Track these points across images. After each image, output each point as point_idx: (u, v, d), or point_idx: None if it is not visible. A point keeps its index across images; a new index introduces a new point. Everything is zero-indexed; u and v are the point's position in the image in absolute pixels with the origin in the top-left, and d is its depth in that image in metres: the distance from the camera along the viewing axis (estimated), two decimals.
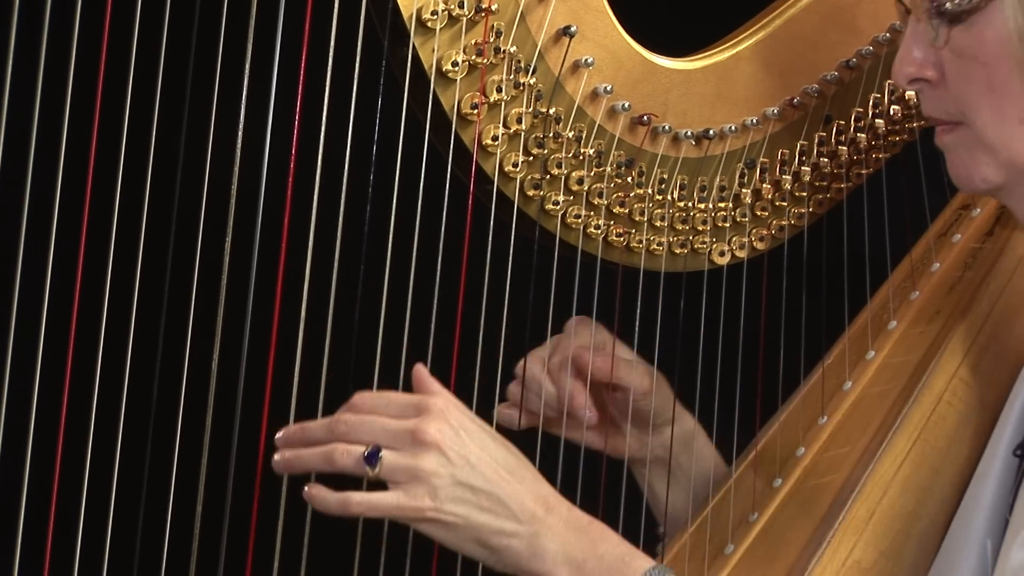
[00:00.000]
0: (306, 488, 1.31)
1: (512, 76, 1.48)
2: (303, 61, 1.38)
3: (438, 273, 1.43)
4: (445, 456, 1.29)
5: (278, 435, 1.33)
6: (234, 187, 1.39)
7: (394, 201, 1.43)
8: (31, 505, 1.38)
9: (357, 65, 1.40)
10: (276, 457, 1.32)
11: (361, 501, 1.30)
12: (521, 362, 1.55)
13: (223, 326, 1.38)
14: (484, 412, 1.44)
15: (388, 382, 1.41)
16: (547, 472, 1.38)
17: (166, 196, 1.40)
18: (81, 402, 1.37)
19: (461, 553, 1.31)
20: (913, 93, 1.59)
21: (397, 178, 1.42)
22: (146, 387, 1.41)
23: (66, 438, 1.37)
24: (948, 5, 1.34)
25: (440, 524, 1.29)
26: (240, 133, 1.38)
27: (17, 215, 1.35)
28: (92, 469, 1.37)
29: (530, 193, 1.52)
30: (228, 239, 1.38)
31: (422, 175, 1.43)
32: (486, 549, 1.30)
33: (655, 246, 1.58)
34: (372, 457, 1.28)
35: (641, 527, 1.45)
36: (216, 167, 1.39)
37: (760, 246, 1.63)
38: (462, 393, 1.40)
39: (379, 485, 1.31)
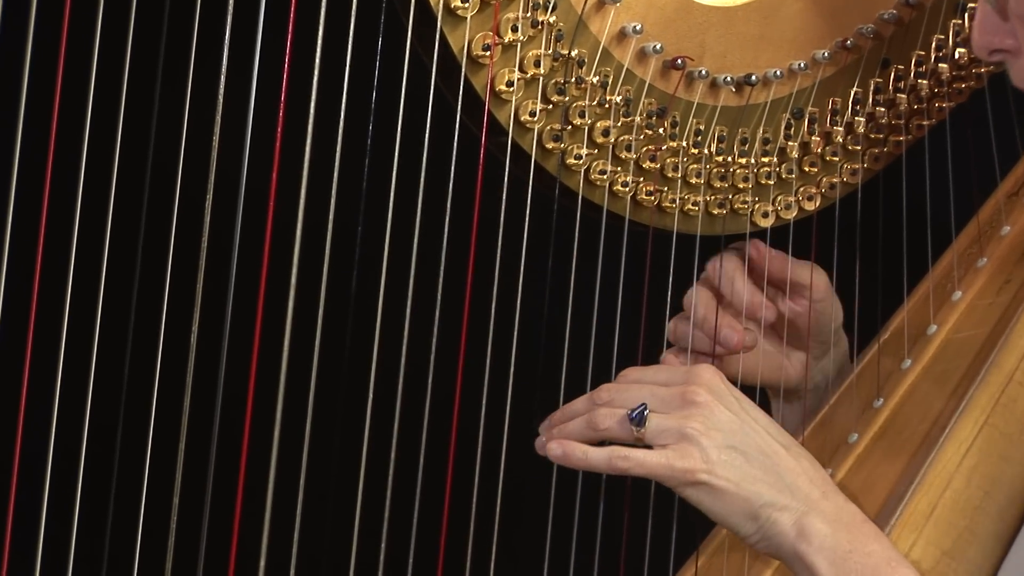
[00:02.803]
0: (554, 445, 1.35)
1: (529, 13, 1.42)
2: None
3: (445, 235, 1.40)
4: (717, 419, 1.32)
5: (543, 424, 1.39)
6: (216, 137, 1.33)
7: (396, 154, 1.38)
8: None
9: (355, 0, 1.35)
10: (541, 439, 1.37)
11: (628, 456, 1.32)
12: (688, 297, 1.56)
13: (203, 283, 1.33)
14: (497, 391, 1.42)
15: (388, 360, 1.38)
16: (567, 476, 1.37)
17: (142, 137, 1.35)
18: (42, 396, 1.31)
19: (724, 525, 1.34)
20: None
21: (399, 129, 1.37)
22: (116, 377, 1.35)
23: (25, 431, 1.31)
24: None
25: (709, 489, 1.31)
26: (223, 76, 1.33)
27: None
28: (54, 466, 1.32)
29: (549, 146, 1.46)
30: (209, 194, 1.33)
31: (427, 126, 1.38)
32: (752, 521, 1.32)
33: (690, 206, 1.53)
34: (639, 416, 1.32)
35: (672, 531, 1.42)
36: (198, 110, 1.34)
37: (808, 206, 1.57)
38: (473, 370, 1.40)
39: None
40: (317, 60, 1.34)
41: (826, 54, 1.54)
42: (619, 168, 1.49)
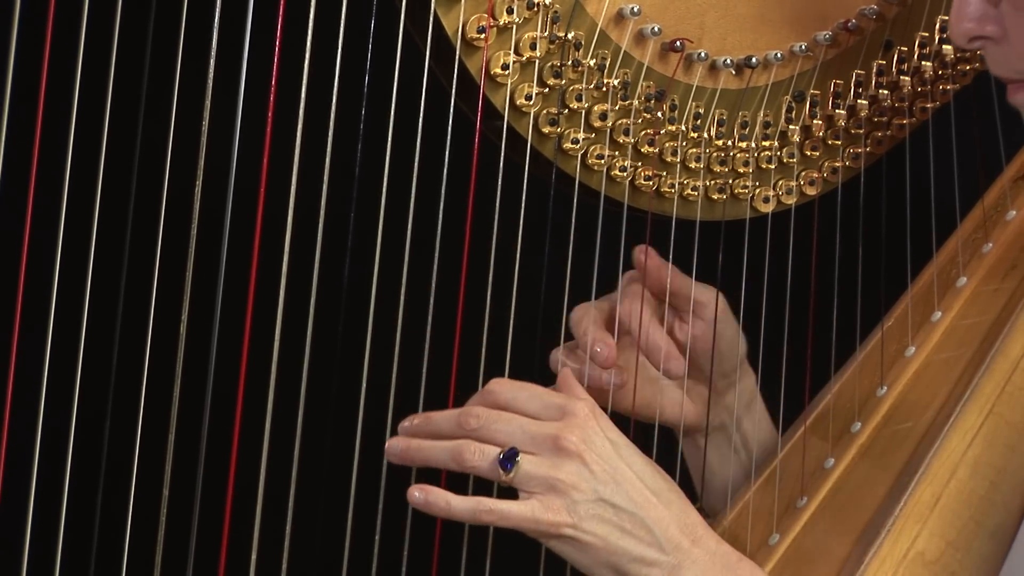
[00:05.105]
0: (415, 490, 1.28)
1: None
2: None
3: (439, 221, 1.38)
4: (588, 469, 1.28)
5: (403, 423, 1.32)
6: (205, 122, 1.33)
7: (389, 139, 1.37)
8: None
9: None
10: (393, 442, 1.31)
11: (493, 509, 1.27)
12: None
13: (192, 272, 1.32)
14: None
15: (382, 350, 1.37)
16: None
17: (130, 112, 1.34)
18: (29, 395, 1.31)
19: None
20: None
21: (392, 113, 1.36)
22: (103, 373, 1.35)
23: (11, 429, 1.31)
24: None
25: (575, 543, 1.28)
26: (212, 59, 1.32)
27: None
28: (40, 464, 1.32)
29: (546, 130, 1.45)
30: (199, 182, 1.32)
31: (421, 110, 1.37)
32: None
33: (689, 191, 1.52)
34: (508, 461, 1.27)
35: None
36: (188, 95, 1.33)
37: (810, 191, 1.57)
38: (469, 360, 1.39)
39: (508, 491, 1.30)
40: (308, 43, 1.33)
41: (828, 36, 1.52)
42: (617, 152, 1.48)
